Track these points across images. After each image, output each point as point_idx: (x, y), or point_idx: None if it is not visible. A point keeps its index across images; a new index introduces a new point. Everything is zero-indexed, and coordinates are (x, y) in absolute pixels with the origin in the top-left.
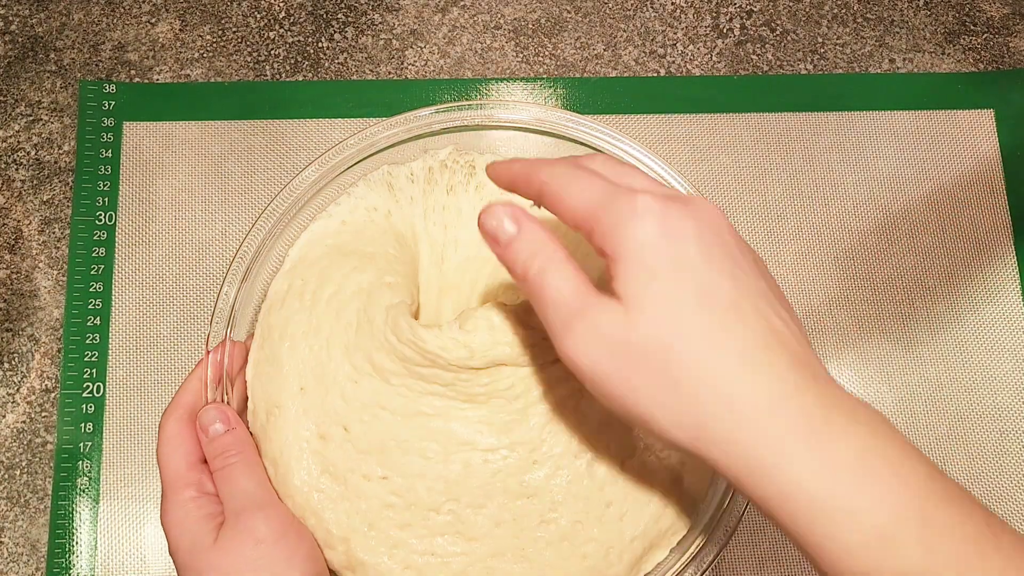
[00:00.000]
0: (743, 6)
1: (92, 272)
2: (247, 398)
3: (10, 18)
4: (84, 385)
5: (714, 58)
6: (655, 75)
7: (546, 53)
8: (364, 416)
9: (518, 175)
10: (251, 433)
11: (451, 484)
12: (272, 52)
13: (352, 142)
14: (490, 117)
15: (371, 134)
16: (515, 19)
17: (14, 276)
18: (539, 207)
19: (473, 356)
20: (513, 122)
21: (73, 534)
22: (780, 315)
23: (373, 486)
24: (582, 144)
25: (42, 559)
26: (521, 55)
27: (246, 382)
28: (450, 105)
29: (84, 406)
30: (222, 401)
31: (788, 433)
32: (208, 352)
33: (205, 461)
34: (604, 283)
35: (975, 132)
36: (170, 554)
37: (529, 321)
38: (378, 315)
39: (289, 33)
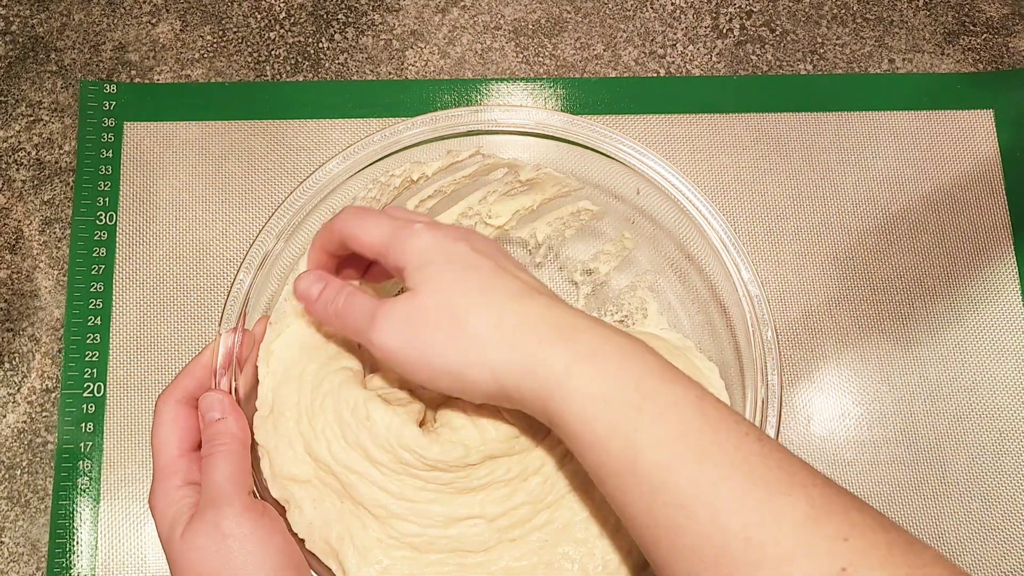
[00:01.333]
0: (743, 6)
1: (93, 272)
2: (256, 383)
3: (11, 18)
4: (85, 385)
5: (714, 58)
6: (655, 75)
7: (546, 53)
8: (351, 478)
9: (320, 241)
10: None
11: (454, 540)
12: (272, 52)
13: (377, 138)
14: (506, 121)
15: (396, 131)
16: (515, 19)
17: (15, 276)
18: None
19: (469, 453)
20: (525, 127)
21: (74, 534)
22: (535, 283)
23: (368, 523)
24: (594, 150)
25: (42, 559)
26: (521, 55)
27: (256, 368)
28: (475, 108)
29: (85, 406)
30: (230, 387)
31: (546, 339)
32: (220, 335)
33: (198, 448)
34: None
35: (975, 132)
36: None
37: (504, 415)
38: (374, 411)
39: (289, 33)
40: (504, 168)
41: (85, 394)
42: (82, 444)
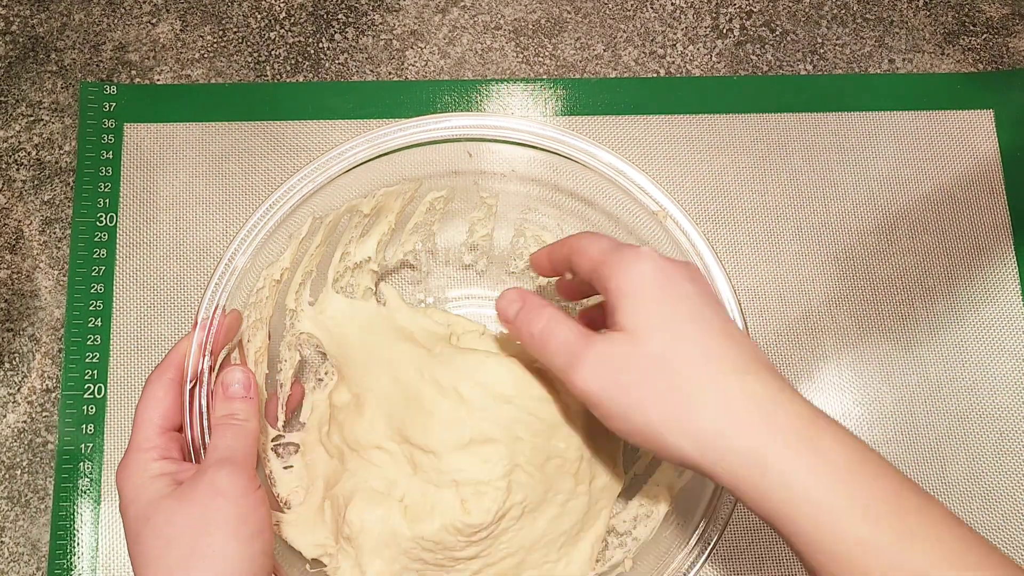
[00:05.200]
0: (743, 6)
1: (93, 273)
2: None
3: (11, 18)
4: (85, 386)
5: (714, 58)
6: (655, 75)
7: (546, 53)
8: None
9: (549, 248)
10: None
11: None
12: (273, 52)
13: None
14: (503, 130)
15: (382, 136)
16: (515, 19)
17: (15, 276)
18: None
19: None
20: (521, 138)
21: (74, 535)
22: (756, 352)
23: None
24: (576, 162)
25: (43, 559)
26: (521, 55)
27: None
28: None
29: (85, 407)
30: (210, 371)
31: (784, 433)
32: (197, 322)
33: (179, 429)
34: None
35: (975, 132)
36: (121, 511)
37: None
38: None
39: (290, 33)
40: (345, 215)
41: (86, 395)
42: (83, 445)
